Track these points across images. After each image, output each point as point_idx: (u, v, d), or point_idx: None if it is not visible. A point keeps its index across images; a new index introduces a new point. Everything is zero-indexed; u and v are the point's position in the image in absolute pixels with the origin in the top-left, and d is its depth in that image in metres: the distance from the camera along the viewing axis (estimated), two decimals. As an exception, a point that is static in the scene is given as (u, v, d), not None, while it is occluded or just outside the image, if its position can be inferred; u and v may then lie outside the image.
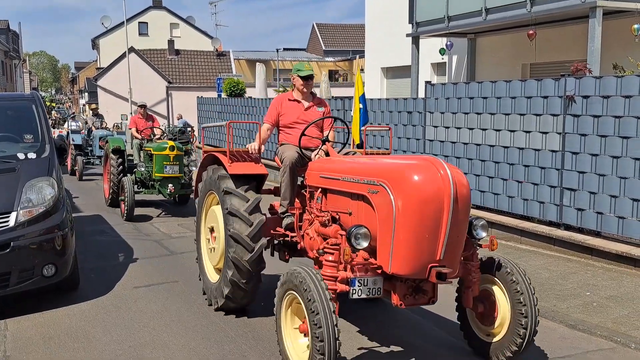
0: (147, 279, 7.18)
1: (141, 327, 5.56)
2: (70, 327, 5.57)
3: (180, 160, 11.13)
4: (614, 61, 10.57)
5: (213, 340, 5.25)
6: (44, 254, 5.92)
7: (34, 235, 5.87)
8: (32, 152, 6.58)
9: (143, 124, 12.41)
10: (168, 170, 10.92)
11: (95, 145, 18.00)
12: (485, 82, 9.38)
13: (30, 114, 7.12)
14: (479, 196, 9.50)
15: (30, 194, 6.01)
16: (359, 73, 9.19)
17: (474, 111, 9.47)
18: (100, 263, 7.87)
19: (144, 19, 43.35)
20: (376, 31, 20.38)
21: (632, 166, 7.22)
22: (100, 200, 13.28)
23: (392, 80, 20.37)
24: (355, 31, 48.48)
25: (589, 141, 7.75)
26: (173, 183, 11.01)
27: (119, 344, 5.18)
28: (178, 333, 5.41)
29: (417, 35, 15.53)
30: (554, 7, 11.70)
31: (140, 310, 6.06)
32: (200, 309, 6.06)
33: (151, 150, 11.24)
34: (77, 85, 69.29)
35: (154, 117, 13.01)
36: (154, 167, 11.01)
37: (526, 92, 8.59)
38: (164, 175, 10.95)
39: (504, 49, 15.32)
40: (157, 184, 11.15)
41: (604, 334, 5.34)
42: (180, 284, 6.93)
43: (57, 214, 6.10)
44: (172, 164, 10.93)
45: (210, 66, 37.94)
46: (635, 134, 7.18)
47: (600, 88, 7.61)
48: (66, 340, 5.26)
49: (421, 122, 10.62)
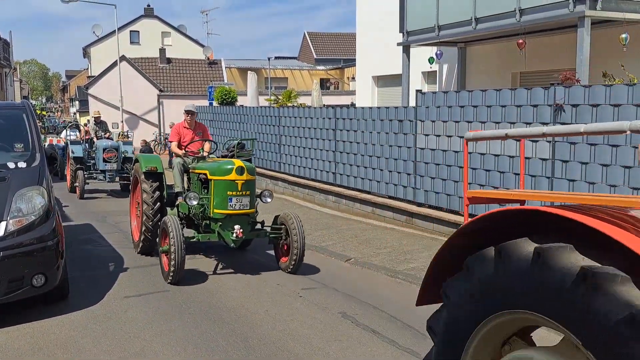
0: (137, 288, 7.13)
1: (132, 337, 5.53)
2: (59, 338, 5.52)
3: (252, 188, 7.61)
4: (603, 70, 10.67)
5: (204, 349, 5.22)
6: (33, 263, 5.87)
7: (24, 244, 5.83)
8: (23, 161, 6.55)
9: (189, 136, 8.96)
10: (235, 204, 7.39)
11: (99, 158, 15.25)
12: (476, 91, 9.43)
13: (21, 122, 7.09)
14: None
15: (20, 203, 5.97)
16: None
17: (465, 119, 9.52)
18: (90, 272, 7.82)
19: (135, 28, 43.32)
20: (367, 40, 20.47)
21: (621, 174, 7.28)
22: (90, 208, 13.18)
23: (383, 89, 20.45)
24: (346, 40, 48.64)
25: (579, 149, 7.81)
26: (242, 223, 7.39)
27: (109, 354, 5.14)
28: (169, 343, 5.38)
29: (407, 44, 15.61)
30: (542, 16, 11.80)
31: (130, 319, 6.02)
32: (192, 318, 6.03)
33: (206, 173, 7.77)
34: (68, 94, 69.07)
35: (205, 126, 9.51)
36: (212, 199, 7.50)
37: (516, 101, 8.65)
38: (229, 212, 7.41)
39: (494, 57, 15.42)
40: (217, 226, 7.54)
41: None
42: (171, 293, 6.89)
43: (47, 224, 6.06)
44: (241, 194, 7.42)
45: (201, 74, 37.94)
46: (624, 143, 7.24)
47: (589, 97, 7.67)
48: (55, 351, 5.21)
49: (412, 131, 10.65)
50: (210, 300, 6.64)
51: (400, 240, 9.45)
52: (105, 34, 39.54)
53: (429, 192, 10.41)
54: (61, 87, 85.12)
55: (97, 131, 16.36)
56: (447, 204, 10.06)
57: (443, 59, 16.19)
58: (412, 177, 10.72)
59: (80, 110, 46.32)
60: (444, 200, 10.09)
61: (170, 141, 9.15)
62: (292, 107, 16.16)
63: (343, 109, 13.05)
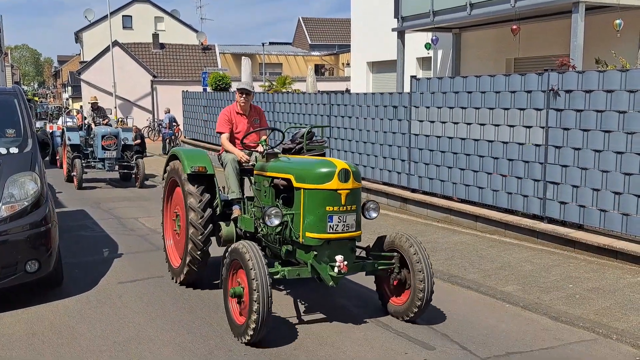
0: (131, 274, 7.14)
1: (126, 323, 5.55)
2: (54, 323, 5.53)
3: (359, 201, 5.31)
4: (596, 56, 10.68)
5: (199, 335, 5.25)
6: (27, 249, 5.86)
7: (17, 230, 5.81)
8: (15, 146, 6.51)
9: (244, 125, 6.72)
10: (336, 224, 5.10)
11: (97, 146, 14.39)
12: (470, 77, 9.43)
13: (13, 108, 7.04)
14: (463, 190, 9.56)
15: (12, 189, 5.95)
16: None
17: (459, 105, 9.52)
18: (84, 258, 7.82)
19: (128, 12, 42.90)
20: (362, 25, 20.39)
21: (613, 160, 7.31)
22: (84, 195, 13.11)
23: (377, 75, 20.41)
24: (341, 25, 48.40)
25: (572, 135, 7.83)
26: (345, 252, 5.18)
27: (104, 339, 5.16)
28: (163, 328, 5.40)
29: (402, 30, 15.57)
30: (537, 2, 11.78)
31: (125, 305, 6.03)
32: (186, 304, 6.05)
33: (290, 178, 5.38)
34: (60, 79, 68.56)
35: (261, 110, 7.08)
36: (302, 217, 5.18)
37: (510, 87, 8.65)
38: (328, 236, 5.10)
39: (488, 43, 15.40)
40: (311, 256, 5.18)
41: (586, 325, 5.42)
42: (165, 278, 6.90)
43: (40, 209, 6.04)
44: (346, 209, 5.11)
45: (195, 60, 37.69)
46: (616, 128, 7.26)
47: (582, 83, 7.68)
48: (50, 336, 5.23)
49: (406, 117, 10.65)
50: (205, 285, 6.65)
51: (394, 226, 9.48)
52: (98, 19, 39.17)
53: (423, 178, 10.44)
54: (53, 73, 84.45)
55: (94, 117, 15.50)
56: (440, 189, 10.09)
57: (438, 45, 16.16)
58: (407, 163, 10.74)
59: (73, 96, 46.01)
60: (438, 186, 10.12)
61: (220, 132, 6.71)
62: (287, 93, 16.11)
63: (338, 95, 13.03)
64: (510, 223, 8.63)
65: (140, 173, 14.45)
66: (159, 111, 32.31)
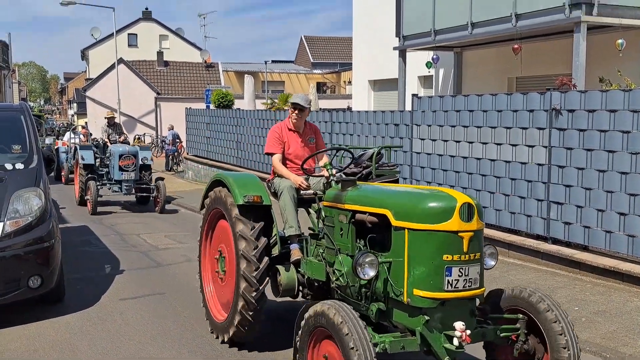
0: (133, 290, 7.13)
1: (127, 340, 5.52)
2: (55, 340, 5.52)
3: (482, 247, 4.13)
4: (599, 75, 10.71)
5: (199, 353, 5.22)
6: (30, 265, 5.88)
7: (21, 246, 5.83)
8: (20, 162, 6.56)
9: (298, 145, 5.67)
10: (457, 280, 3.85)
11: (114, 166, 12.88)
12: (472, 96, 9.46)
13: (19, 124, 7.11)
14: (466, 208, 9.54)
15: (17, 204, 5.98)
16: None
17: (461, 124, 9.55)
18: (86, 274, 7.81)
19: (133, 31, 43.31)
20: (363, 44, 20.52)
21: (617, 180, 7.29)
22: (86, 210, 13.07)
23: (379, 93, 20.49)
24: (343, 44, 48.70)
25: (575, 155, 7.82)
26: (466, 317, 3.95)
27: (105, 356, 5.14)
28: (164, 346, 5.38)
29: (404, 49, 15.66)
30: (538, 22, 11.85)
31: (126, 322, 6.01)
32: (187, 321, 6.03)
33: (387, 214, 4.13)
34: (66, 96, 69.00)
35: (317, 127, 6.08)
36: (407, 268, 3.93)
37: (512, 106, 8.67)
38: (446, 295, 3.84)
39: (490, 62, 15.47)
40: (421, 322, 3.87)
41: (593, 349, 5.34)
42: (167, 296, 6.89)
43: (44, 225, 6.06)
44: (468, 258, 3.89)
45: (198, 77, 37.93)
46: (620, 148, 7.26)
47: (585, 102, 7.70)
48: (51, 353, 5.21)
49: (408, 135, 10.68)
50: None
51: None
52: (104, 37, 39.54)
53: (426, 196, 10.41)
54: (59, 90, 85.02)
55: (110, 135, 14.00)
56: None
57: (439, 64, 16.24)
58: (408, 181, 10.74)
59: (79, 113, 46.23)
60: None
61: (269, 153, 5.62)
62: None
63: (339, 112, 13.08)
64: (514, 243, 8.58)
65: (161, 196, 13.00)
66: (163, 128, 32.45)
